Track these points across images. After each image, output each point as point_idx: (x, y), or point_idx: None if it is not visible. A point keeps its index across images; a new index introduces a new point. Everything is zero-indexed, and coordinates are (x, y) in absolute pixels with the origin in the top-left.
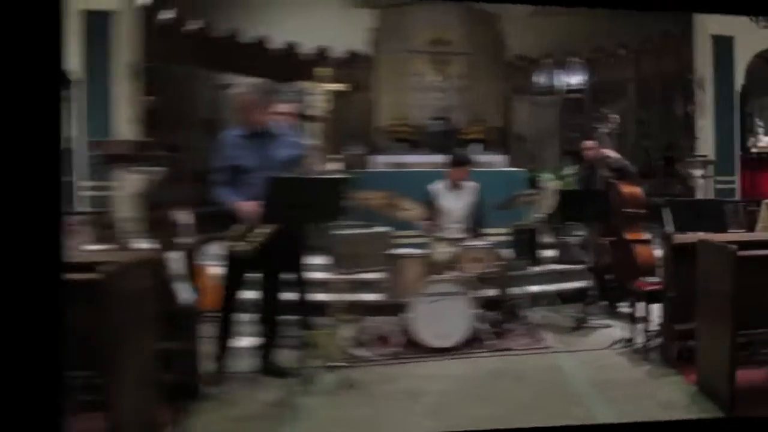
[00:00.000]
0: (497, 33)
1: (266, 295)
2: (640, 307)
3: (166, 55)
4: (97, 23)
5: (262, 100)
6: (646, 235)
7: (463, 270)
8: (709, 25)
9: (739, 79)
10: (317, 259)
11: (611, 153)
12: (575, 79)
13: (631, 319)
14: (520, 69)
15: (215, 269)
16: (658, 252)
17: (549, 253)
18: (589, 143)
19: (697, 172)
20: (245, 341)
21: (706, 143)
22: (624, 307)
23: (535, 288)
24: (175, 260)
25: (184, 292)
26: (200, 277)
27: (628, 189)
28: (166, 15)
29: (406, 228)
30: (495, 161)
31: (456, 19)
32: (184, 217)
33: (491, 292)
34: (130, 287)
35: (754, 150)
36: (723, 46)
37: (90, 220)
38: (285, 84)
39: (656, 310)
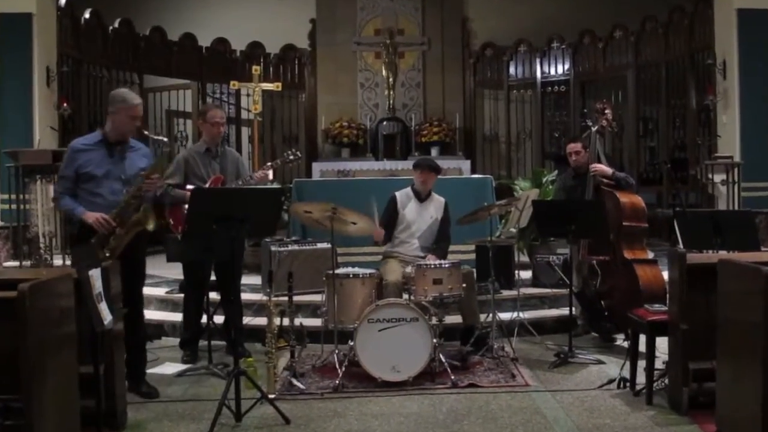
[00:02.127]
0: (461, 19)
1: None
2: (642, 341)
3: (88, 57)
4: (14, 26)
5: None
6: (650, 254)
7: (419, 293)
8: None
9: None
10: (250, 279)
11: (603, 168)
12: (558, 69)
13: (631, 354)
14: (489, 59)
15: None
16: (666, 274)
17: (524, 274)
18: (575, 145)
19: (719, 178)
20: (171, 368)
21: (730, 142)
22: (621, 341)
23: (507, 315)
24: (99, 278)
25: (107, 313)
26: None
27: (628, 198)
28: (87, 14)
29: (353, 244)
30: (457, 167)
31: (410, 5)
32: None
33: (454, 319)
34: (50, 306)
35: None
36: (753, 22)
37: (7, 234)
38: (215, 85)
39: (663, 344)
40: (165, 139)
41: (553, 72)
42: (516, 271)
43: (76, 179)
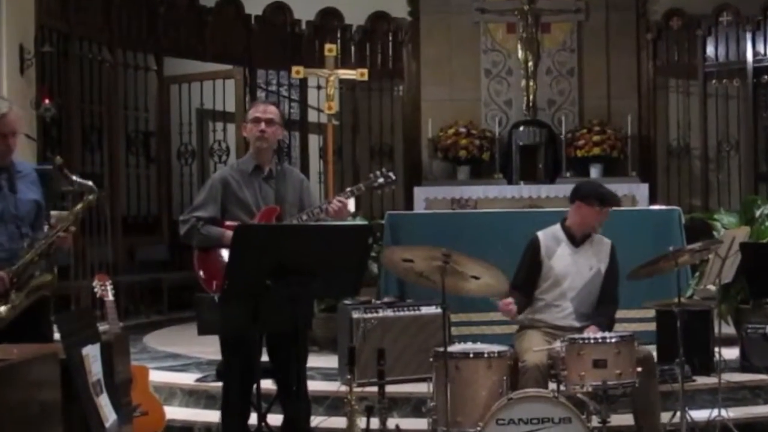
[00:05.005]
0: None
1: None
2: None
3: (81, 31)
4: None
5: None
6: None
7: (573, 381)
8: None
9: None
10: (322, 361)
11: None
12: None
13: None
14: (676, 34)
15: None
16: None
17: (729, 353)
18: None
19: None
20: None
21: None
22: None
23: (703, 413)
24: (97, 359)
25: (110, 410)
26: (138, 386)
27: None
28: None
29: (474, 308)
30: (628, 194)
31: None
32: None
33: (624, 420)
34: (25, 400)
35: None
36: None
37: None
38: (270, 72)
39: None
40: (90, 183)
41: None
42: (716, 349)
43: None
